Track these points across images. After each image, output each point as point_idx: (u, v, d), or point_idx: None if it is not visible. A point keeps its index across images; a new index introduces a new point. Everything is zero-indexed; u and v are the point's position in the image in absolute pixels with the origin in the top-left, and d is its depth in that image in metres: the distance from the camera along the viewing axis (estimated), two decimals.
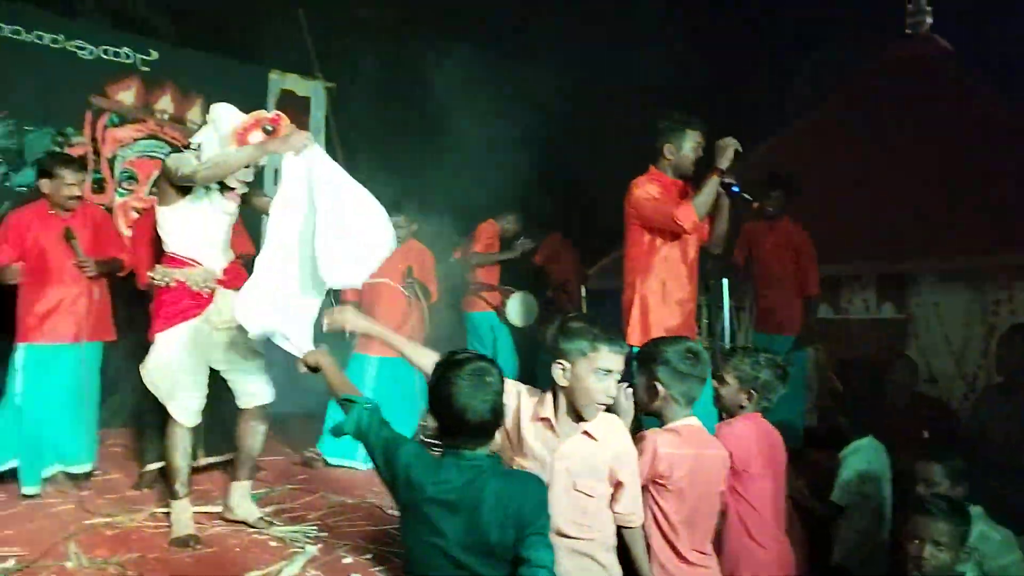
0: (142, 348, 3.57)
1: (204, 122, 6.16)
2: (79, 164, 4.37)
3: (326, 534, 3.52)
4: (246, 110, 3.48)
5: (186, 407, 3.45)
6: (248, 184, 3.58)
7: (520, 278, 6.02)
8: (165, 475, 3.68)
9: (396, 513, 3.79)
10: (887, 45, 8.55)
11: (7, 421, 3.97)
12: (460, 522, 2.01)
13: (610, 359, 2.36)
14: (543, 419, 2.43)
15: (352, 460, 4.83)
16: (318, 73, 7.09)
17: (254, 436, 3.66)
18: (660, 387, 2.64)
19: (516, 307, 5.84)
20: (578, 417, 2.42)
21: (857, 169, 7.20)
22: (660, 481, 2.54)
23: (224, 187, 3.47)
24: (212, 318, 3.44)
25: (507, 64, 6.85)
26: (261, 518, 3.59)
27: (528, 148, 6.16)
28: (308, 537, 3.44)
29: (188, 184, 3.36)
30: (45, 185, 4.12)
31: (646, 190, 3.79)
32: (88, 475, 4.26)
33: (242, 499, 3.65)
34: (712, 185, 3.66)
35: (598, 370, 2.35)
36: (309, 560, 3.17)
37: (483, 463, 2.07)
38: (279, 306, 3.10)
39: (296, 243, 3.19)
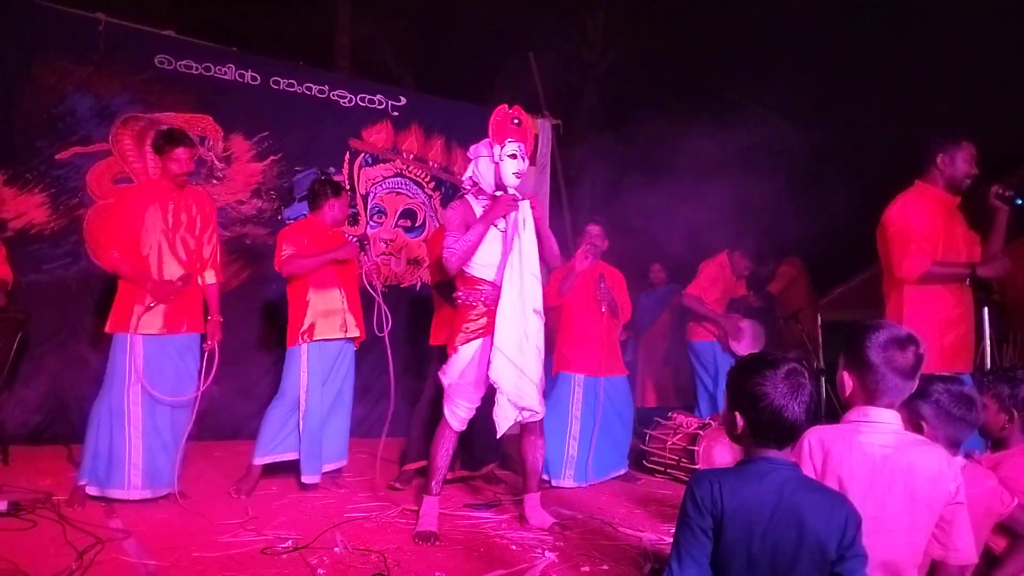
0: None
1: (444, 160, 6.77)
2: (344, 190, 4.86)
3: (562, 544, 3.63)
4: None
5: (458, 414, 3.82)
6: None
7: (750, 304, 5.85)
8: (425, 473, 4.02)
9: (628, 531, 3.91)
10: None
11: (283, 416, 4.45)
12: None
13: None
14: None
15: (571, 481, 4.95)
16: (545, 111, 7.43)
17: (535, 451, 4.02)
18: (925, 426, 2.47)
19: (744, 337, 5.67)
20: None
21: None
22: None
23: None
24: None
25: (738, 84, 6.80)
26: (555, 524, 3.89)
27: (766, 171, 6.07)
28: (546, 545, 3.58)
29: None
30: (317, 211, 4.65)
31: (906, 210, 3.63)
32: (340, 472, 4.70)
33: (533, 508, 3.99)
34: (958, 272, 3.57)
35: None
36: (549, 564, 3.30)
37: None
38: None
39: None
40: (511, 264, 3.75)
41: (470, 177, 3.99)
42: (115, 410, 3.95)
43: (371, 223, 6.53)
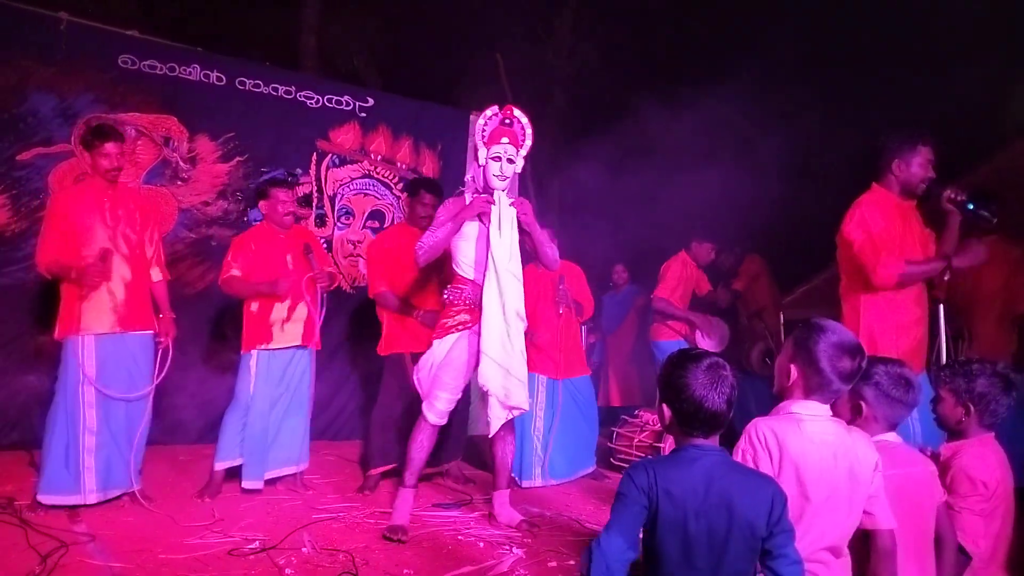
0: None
1: (412, 161, 6.77)
2: (288, 183, 4.82)
3: (530, 540, 3.67)
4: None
5: (437, 407, 3.85)
6: None
7: (712, 303, 5.92)
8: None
9: (595, 527, 3.96)
10: None
11: (237, 421, 4.42)
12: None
13: None
14: None
15: (543, 481, 4.99)
16: None
17: (505, 447, 4.06)
18: (864, 407, 2.55)
19: (708, 334, 5.74)
20: None
21: None
22: None
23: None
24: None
25: (702, 86, 6.90)
26: (523, 521, 3.92)
27: (730, 172, 6.16)
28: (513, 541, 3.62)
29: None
30: (263, 207, 4.61)
31: (866, 219, 3.55)
32: (302, 475, 4.67)
33: (502, 506, 4.02)
34: (934, 269, 3.51)
35: None
36: (516, 560, 3.33)
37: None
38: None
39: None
40: (488, 265, 3.80)
41: (472, 177, 4.06)
42: (69, 414, 3.91)
43: (339, 224, 6.52)
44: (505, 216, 3.85)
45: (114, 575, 3.03)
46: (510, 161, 3.85)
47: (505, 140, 3.81)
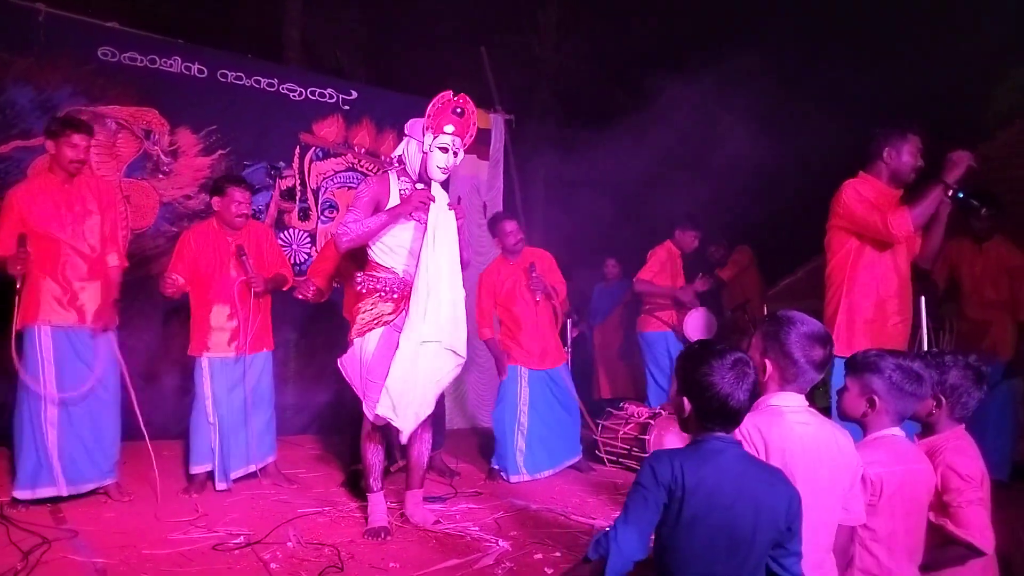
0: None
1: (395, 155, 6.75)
2: (248, 184, 4.64)
3: (514, 533, 3.67)
4: None
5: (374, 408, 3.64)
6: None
7: (700, 294, 5.93)
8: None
9: (580, 518, 3.97)
10: None
11: (201, 425, 4.36)
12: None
13: None
14: None
15: (529, 475, 4.99)
16: (498, 106, 7.45)
17: (420, 444, 3.87)
18: (877, 400, 2.54)
19: (696, 324, 5.75)
20: None
21: None
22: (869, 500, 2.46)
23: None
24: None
25: (688, 79, 6.90)
26: (437, 522, 3.77)
27: (716, 164, 6.17)
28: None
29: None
30: (216, 203, 4.44)
31: (859, 191, 3.60)
32: (275, 467, 4.64)
33: (416, 506, 3.86)
34: (934, 196, 3.47)
35: None
36: (502, 553, 3.34)
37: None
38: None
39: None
40: (420, 273, 3.55)
41: (399, 156, 3.82)
42: (32, 407, 3.88)
43: (322, 218, 6.48)
44: (444, 223, 3.64)
45: (97, 571, 3.01)
46: (455, 154, 3.67)
47: (452, 129, 3.62)
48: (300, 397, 6.26)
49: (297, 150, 6.40)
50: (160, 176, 5.73)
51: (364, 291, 3.72)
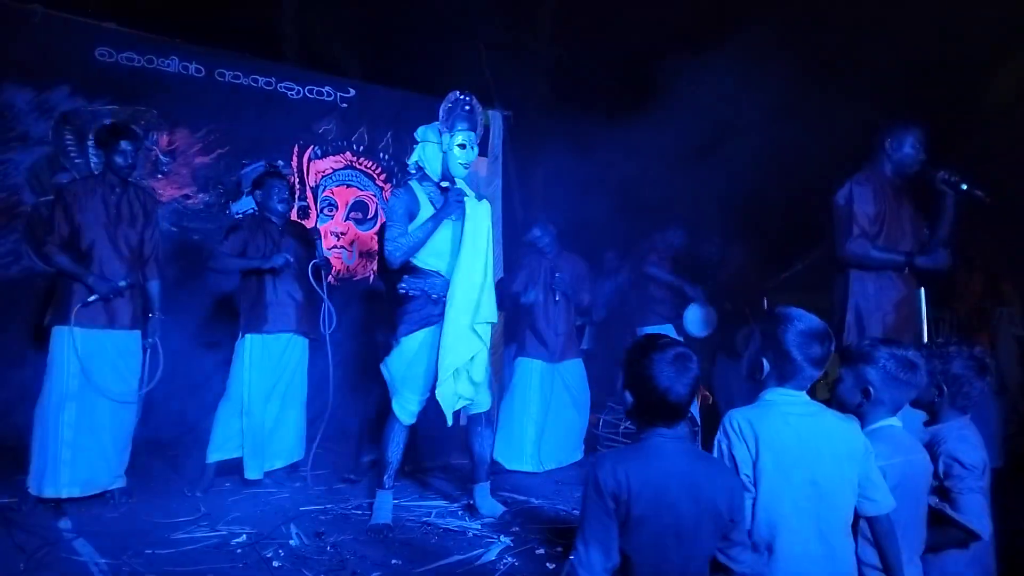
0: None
1: (393, 152, 6.75)
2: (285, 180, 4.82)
3: (517, 528, 3.69)
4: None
5: (407, 407, 3.77)
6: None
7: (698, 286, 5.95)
8: (376, 468, 4.01)
9: (579, 513, 3.97)
10: None
11: (231, 413, 4.43)
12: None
13: None
14: None
15: (528, 467, 5.01)
16: (496, 103, 7.44)
17: (482, 440, 4.01)
18: (871, 391, 2.54)
19: (694, 317, 5.76)
20: None
21: None
22: None
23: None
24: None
25: (685, 72, 6.89)
26: (505, 513, 3.89)
27: (715, 160, 6.16)
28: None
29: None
30: (258, 195, 4.67)
31: (850, 198, 3.72)
32: (297, 467, 4.69)
33: (484, 498, 3.98)
34: (897, 261, 3.68)
35: None
36: (504, 549, 3.35)
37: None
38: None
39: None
40: (457, 272, 3.71)
41: (416, 162, 3.91)
42: (52, 405, 3.88)
43: (321, 216, 6.49)
44: (480, 214, 3.77)
45: (101, 571, 3.02)
46: (472, 148, 3.82)
47: (465, 126, 3.76)
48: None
49: (296, 149, 6.40)
50: (158, 176, 5.73)
51: (410, 294, 3.82)
